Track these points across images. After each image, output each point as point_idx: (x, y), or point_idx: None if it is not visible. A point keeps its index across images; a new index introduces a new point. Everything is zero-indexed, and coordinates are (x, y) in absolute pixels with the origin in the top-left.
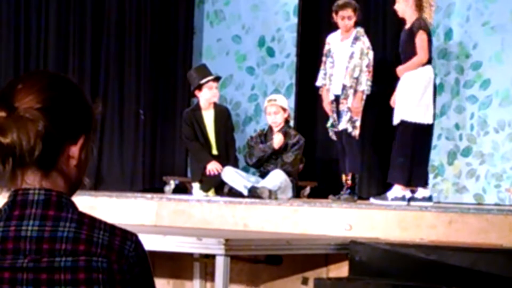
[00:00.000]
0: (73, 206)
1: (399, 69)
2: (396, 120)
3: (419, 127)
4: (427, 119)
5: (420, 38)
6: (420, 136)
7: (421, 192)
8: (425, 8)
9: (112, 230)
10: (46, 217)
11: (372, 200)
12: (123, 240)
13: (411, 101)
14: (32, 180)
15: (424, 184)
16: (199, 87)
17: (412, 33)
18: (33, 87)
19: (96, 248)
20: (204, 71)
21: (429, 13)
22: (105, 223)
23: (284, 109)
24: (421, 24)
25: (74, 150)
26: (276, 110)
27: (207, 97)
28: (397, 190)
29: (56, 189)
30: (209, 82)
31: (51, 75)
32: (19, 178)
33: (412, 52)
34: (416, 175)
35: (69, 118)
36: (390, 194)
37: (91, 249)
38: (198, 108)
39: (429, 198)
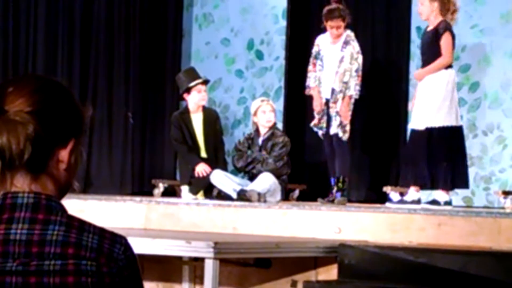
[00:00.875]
0: (62, 209)
1: (419, 72)
2: (421, 125)
3: (453, 130)
4: (458, 122)
5: (446, 40)
6: (454, 138)
7: (440, 196)
8: (449, 12)
9: (101, 233)
10: (36, 221)
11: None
12: (113, 243)
13: (443, 106)
14: (21, 184)
15: (466, 185)
16: (188, 90)
17: (437, 34)
18: (23, 90)
19: (85, 252)
20: (193, 74)
21: (452, 17)
22: (95, 226)
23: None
24: (447, 26)
25: (64, 154)
26: (271, 108)
27: (195, 100)
28: (443, 195)
29: (46, 192)
30: (197, 85)
31: (42, 78)
32: (8, 181)
33: (435, 54)
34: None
35: (59, 122)
36: (440, 199)
37: (80, 253)
38: (186, 111)
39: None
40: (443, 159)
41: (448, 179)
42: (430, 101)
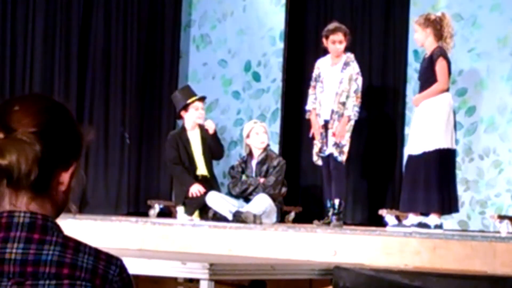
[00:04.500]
0: (58, 229)
1: (417, 98)
2: (418, 150)
3: (447, 153)
4: (453, 145)
5: (441, 65)
6: (448, 161)
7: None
8: (446, 38)
9: (96, 254)
10: (31, 240)
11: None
12: (108, 264)
13: (437, 129)
14: (19, 203)
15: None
16: (185, 107)
17: (432, 60)
18: (29, 109)
19: (80, 272)
20: (189, 91)
21: (448, 42)
22: (90, 247)
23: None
24: (441, 52)
25: (65, 176)
26: (264, 130)
27: (193, 117)
28: (434, 218)
29: (43, 212)
30: (195, 102)
31: (47, 99)
32: (7, 200)
33: (431, 80)
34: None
35: (63, 144)
36: (431, 222)
37: (75, 273)
38: (183, 129)
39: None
40: (436, 182)
41: (443, 202)
42: (427, 126)
